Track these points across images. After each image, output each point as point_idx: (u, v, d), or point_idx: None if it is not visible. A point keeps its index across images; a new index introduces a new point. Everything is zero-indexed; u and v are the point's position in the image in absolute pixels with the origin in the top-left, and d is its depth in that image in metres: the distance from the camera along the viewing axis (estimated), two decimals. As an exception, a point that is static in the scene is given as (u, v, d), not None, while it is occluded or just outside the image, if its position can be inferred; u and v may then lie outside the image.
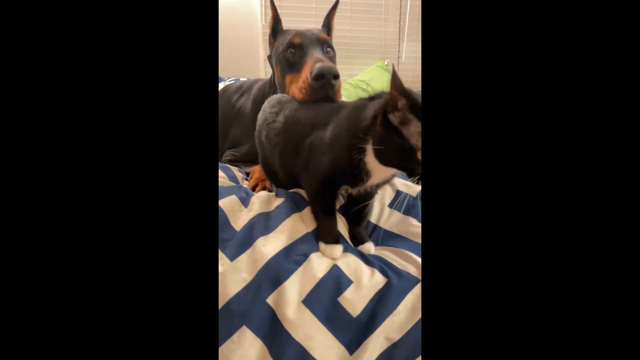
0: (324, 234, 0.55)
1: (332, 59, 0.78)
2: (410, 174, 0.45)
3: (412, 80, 2.32)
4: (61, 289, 0.29)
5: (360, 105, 0.53)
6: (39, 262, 0.29)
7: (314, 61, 0.69)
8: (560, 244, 0.29)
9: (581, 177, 0.29)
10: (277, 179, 0.69)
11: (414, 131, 0.43)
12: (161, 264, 0.31)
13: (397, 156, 0.45)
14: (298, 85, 0.69)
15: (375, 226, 0.64)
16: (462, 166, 0.31)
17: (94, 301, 0.30)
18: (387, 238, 0.62)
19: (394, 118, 0.44)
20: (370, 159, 0.49)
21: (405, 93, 0.43)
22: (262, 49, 2.02)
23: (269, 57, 0.86)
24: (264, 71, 2.02)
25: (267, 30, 0.87)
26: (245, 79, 1.32)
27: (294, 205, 0.60)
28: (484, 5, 0.32)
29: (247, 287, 0.48)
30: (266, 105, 0.72)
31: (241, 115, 1.01)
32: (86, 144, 0.31)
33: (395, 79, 0.43)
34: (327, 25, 0.86)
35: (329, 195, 0.56)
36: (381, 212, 0.65)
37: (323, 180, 0.55)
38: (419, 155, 0.43)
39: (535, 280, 0.29)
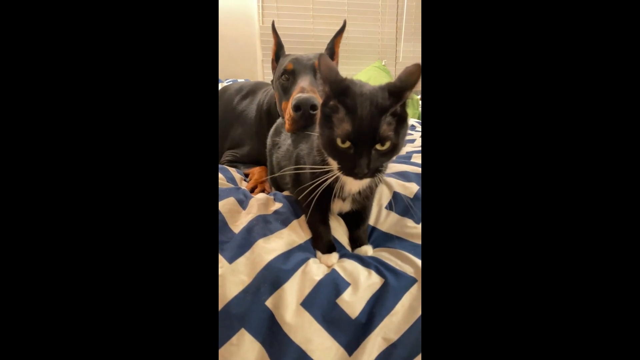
0: (320, 244, 0.56)
1: None
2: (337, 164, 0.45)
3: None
4: (62, 291, 0.29)
5: None
6: (39, 264, 0.29)
7: (297, 91, 0.68)
8: (559, 243, 0.29)
9: (580, 176, 0.29)
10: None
11: (336, 118, 0.43)
12: (161, 265, 0.31)
13: (324, 144, 0.45)
14: (286, 117, 0.68)
15: (374, 228, 0.64)
16: (461, 166, 0.31)
17: (95, 303, 0.30)
18: (384, 239, 0.62)
19: (328, 108, 0.44)
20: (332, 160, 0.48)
21: (328, 80, 0.42)
22: (259, 50, 2.01)
23: (272, 82, 0.86)
24: (261, 72, 2.02)
25: (265, 32, 0.87)
26: (242, 80, 1.32)
27: (292, 211, 0.60)
28: (484, 5, 0.32)
29: (245, 290, 0.48)
30: (280, 125, 0.72)
31: (244, 117, 1.02)
32: (85, 145, 0.31)
33: (319, 65, 0.42)
34: (331, 49, 0.84)
35: (321, 205, 0.55)
36: (378, 214, 0.65)
37: (311, 191, 0.50)
38: (339, 142, 0.43)
39: (534, 278, 0.29)
